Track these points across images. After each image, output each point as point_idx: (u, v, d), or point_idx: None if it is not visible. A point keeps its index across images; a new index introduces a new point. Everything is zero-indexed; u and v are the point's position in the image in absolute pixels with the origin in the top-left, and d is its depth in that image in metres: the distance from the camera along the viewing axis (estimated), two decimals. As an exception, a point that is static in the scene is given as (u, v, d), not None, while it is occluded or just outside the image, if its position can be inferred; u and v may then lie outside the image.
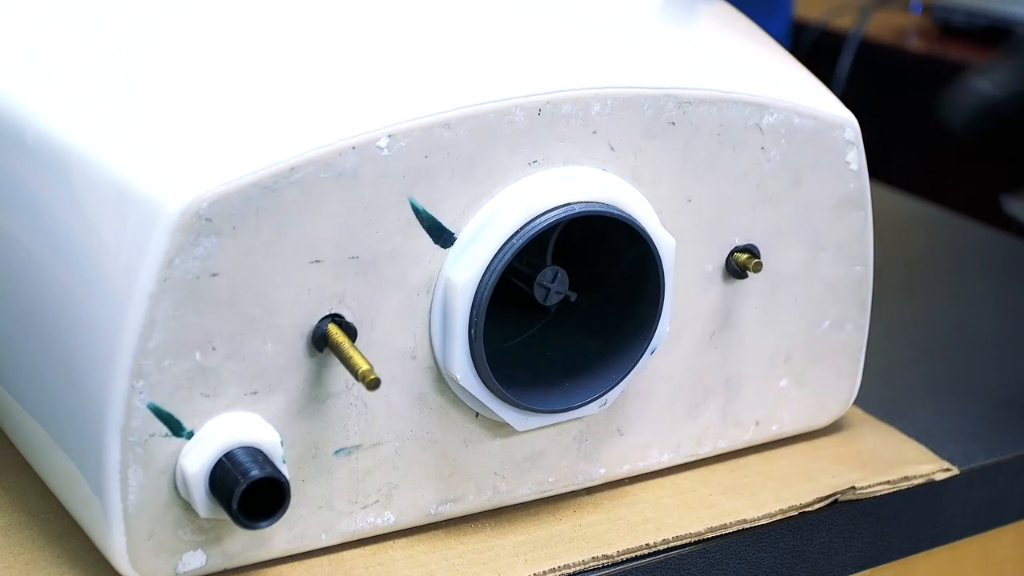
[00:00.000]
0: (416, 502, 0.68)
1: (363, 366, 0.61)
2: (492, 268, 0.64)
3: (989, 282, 1.06)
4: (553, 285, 0.67)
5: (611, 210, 0.65)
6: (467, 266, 0.64)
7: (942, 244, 1.16)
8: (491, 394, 0.66)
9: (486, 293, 0.64)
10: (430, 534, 0.68)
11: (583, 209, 0.64)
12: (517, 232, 0.64)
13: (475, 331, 0.64)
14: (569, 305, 0.70)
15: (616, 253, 0.68)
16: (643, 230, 0.66)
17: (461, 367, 0.65)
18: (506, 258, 0.64)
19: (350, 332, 0.63)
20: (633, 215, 0.66)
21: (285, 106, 0.64)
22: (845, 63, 1.94)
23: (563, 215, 0.64)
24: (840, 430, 0.79)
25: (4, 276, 0.67)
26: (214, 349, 0.60)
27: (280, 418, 0.63)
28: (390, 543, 0.68)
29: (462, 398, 0.66)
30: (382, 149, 0.62)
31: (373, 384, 0.61)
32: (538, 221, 0.64)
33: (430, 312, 0.65)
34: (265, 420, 0.62)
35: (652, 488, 0.73)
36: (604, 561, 0.67)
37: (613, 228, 0.66)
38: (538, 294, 0.68)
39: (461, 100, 0.63)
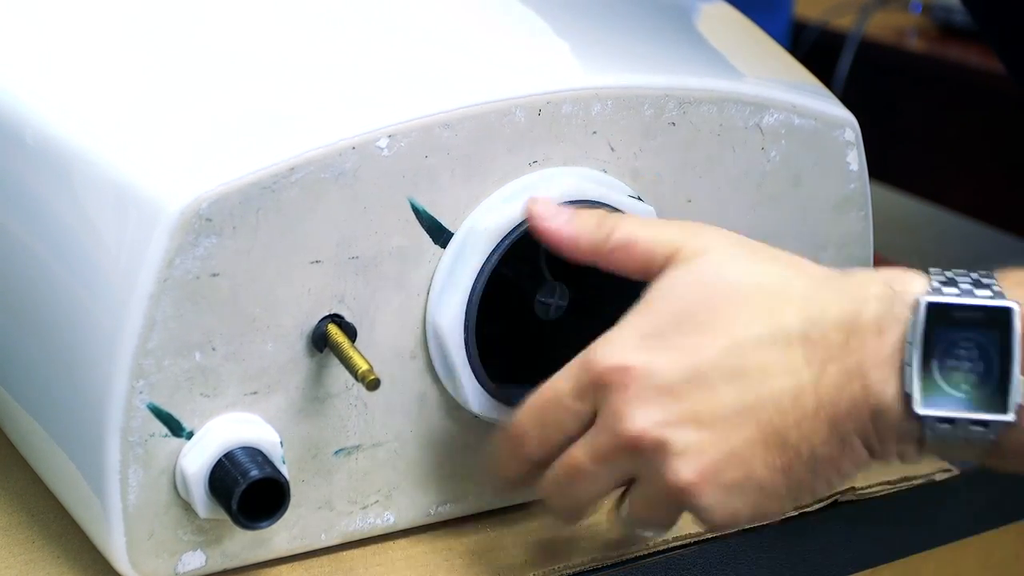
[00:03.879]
0: (416, 502, 0.68)
1: (363, 366, 0.61)
2: (483, 271, 0.64)
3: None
4: (554, 300, 0.67)
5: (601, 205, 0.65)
6: (461, 269, 0.64)
7: (942, 244, 1.15)
8: (491, 396, 0.66)
9: (477, 295, 0.64)
10: (430, 534, 0.68)
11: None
12: (507, 235, 0.64)
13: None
14: (568, 306, 0.70)
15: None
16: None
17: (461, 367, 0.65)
18: (493, 260, 0.64)
19: (350, 332, 0.63)
20: (610, 203, 0.66)
21: (285, 106, 0.64)
22: (845, 63, 1.94)
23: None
24: (840, 430, 0.79)
25: (4, 276, 0.67)
26: (214, 349, 0.60)
27: (280, 418, 0.63)
28: (390, 543, 0.68)
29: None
30: (382, 149, 0.62)
31: (373, 384, 0.61)
32: (521, 227, 0.64)
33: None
34: (265, 420, 0.62)
35: (652, 488, 0.73)
36: (604, 561, 0.67)
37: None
38: (540, 311, 0.68)
39: (461, 100, 0.63)
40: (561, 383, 0.60)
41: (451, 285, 0.64)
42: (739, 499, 0.58)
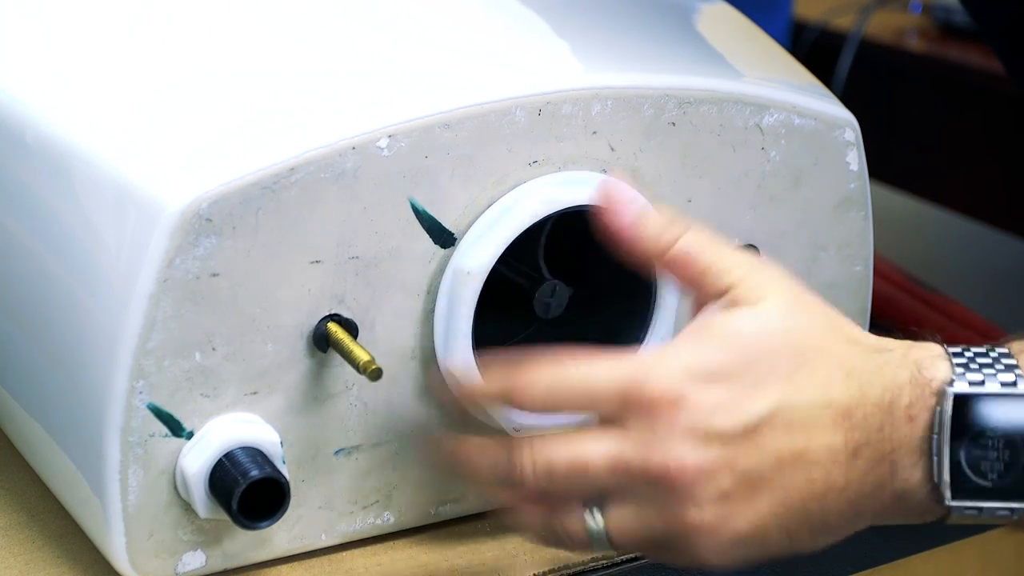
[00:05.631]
0: (416, 502, 0.68)
1: (364, 357, 0.61)
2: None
3: (989, 282, 1.06)
4: (553, 299, 0.67)
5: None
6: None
7: (942, 244, 1.15)
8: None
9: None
10: (430, 534, 0.68)
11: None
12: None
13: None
14: (568, 305, 0.70)
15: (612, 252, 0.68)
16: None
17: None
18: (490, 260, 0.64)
19: (351, 330, 0.63)
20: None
21: (285, 106, 0.64)
22: (845, 63, 1.94)
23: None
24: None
25: (4, 276, 0.67)
26: (214, 349, 0.60)
27: (280, 418, 0.63)
28: (390, 543, 0.68)
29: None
30: (382, 149, 0.62)
31: (375, 374, 0.61)
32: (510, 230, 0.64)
33: (433, 311, 0.64)
34: (265, 420, 0.62)
35: (652, 488, 0.73)
36: (604, 561, 0.67)
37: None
38: (539, 310, 0.68)
39: (461, 100, 0.63)
40: (596, 377, 0.58)
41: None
42: (740, 551, 0.57)
